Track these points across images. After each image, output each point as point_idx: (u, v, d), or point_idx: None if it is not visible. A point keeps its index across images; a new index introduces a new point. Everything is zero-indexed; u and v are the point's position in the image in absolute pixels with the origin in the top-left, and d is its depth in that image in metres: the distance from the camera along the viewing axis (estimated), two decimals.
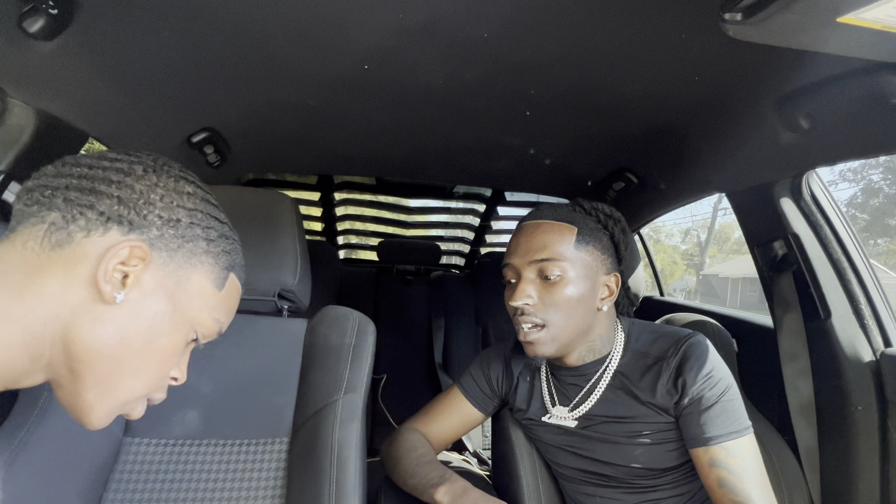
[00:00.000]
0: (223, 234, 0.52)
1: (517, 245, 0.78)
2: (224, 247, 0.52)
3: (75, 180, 0.44)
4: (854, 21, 0.47)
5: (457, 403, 0.92)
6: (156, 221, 0.45)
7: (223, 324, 0.54)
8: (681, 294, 20.05)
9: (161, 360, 0.48)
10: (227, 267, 0.53)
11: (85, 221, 0.43)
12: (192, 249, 0.48)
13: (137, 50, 0.75)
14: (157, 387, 0.50)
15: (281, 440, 0.80)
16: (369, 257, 2.59)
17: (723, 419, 0.70)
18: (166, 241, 0.46)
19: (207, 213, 0.50)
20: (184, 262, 0.48)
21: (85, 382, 0.44)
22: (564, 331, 0.75)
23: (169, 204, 0.46)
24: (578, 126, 1.05)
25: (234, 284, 0.55)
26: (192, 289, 0.49)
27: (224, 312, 0.54)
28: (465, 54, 0.75)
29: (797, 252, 0.99)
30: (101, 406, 0.46)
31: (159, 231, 0.45)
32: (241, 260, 0.56)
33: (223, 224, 0.52)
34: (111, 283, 0.42)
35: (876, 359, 0.92)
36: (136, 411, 0.50)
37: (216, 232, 0.51)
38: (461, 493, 0.72)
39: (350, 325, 0.84)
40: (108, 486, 0.73)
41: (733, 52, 0.66)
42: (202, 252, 0.49)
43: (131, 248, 0.43)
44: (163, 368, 0.49)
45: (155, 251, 0.45)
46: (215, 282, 0.51)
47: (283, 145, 1.29)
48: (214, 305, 0.52)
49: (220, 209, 0.53)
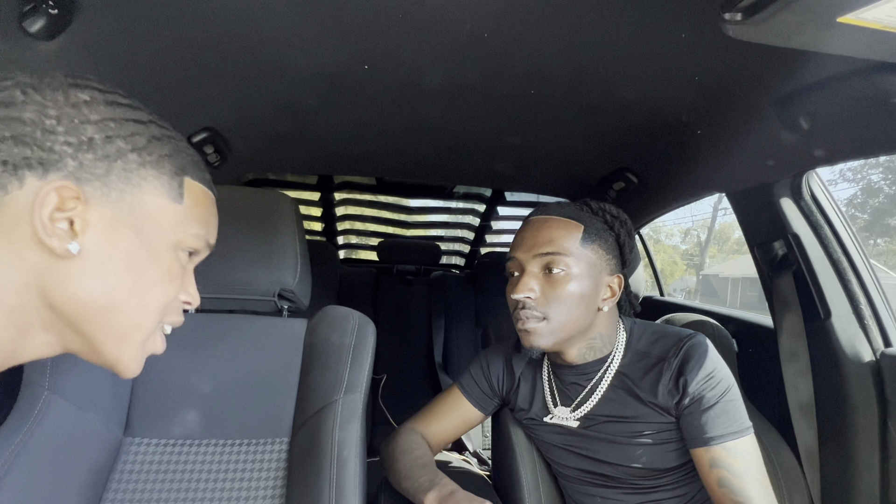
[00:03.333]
0: (153, 137, 0.45)
1: (523, 239, 0.78)
2: (161, 151, 0.45)
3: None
4: (854, 21, 0.47)
5: (457, 403, 0.92)
6: (66, 150, 0.39)
7: (207, 236, 0.50)
8: (681, 294, 20.05)
9: (160, 290, 0.46)
10: (177, 172, 0.46)
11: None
12: (125, 167, 0.42)
13: (137, 50, 0.75)
14: (168, 312, 0.49)
15: (281, 440, 0.80)
16: (369, 257, 2.59)
17: (723, 419, 0.70)
18: (90, 169, 0.40)
19: (121, 118, 0.43)
20: (123, 184, 0.42)
21: (96, 338, 0.43)
22: (565, 326, 0.75)
23: (71, 125, 0.40)
24: (578, 126, 1.05)
25: (197, 190, 0.49)
26: (150, 212, 0.44)
27: (200, 224, 0.49)
28: (465, 54, 0.75)
29: (797, 252, 0.99)
30: (124, 354, 0.45)
31: (76, 160, 0.39)
32: (193, 157, 0.49)
33: (146, 124, 0.45)
34: (57, 236, 0.38)
35: (876, 359, 0.92)
36: (157, 345, 0.49)
37: (143, 137, 0.44)
38: (448, 497, 0.72)
39: (350, 325, 0.84)
40: (108, 486, 0.73)
41: (733, 52, 0.66)
42: (137, 166, 0.43)
43: (57, 191, 0.38)
44: (165, 297, 0.47)
45: (84, 185, 0.40)
46: (170, 195, 0.45)
47: (284, 145, 1.29)
48: (184, 221, 0.47)
49: (138, 107, 0.46)
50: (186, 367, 0.82)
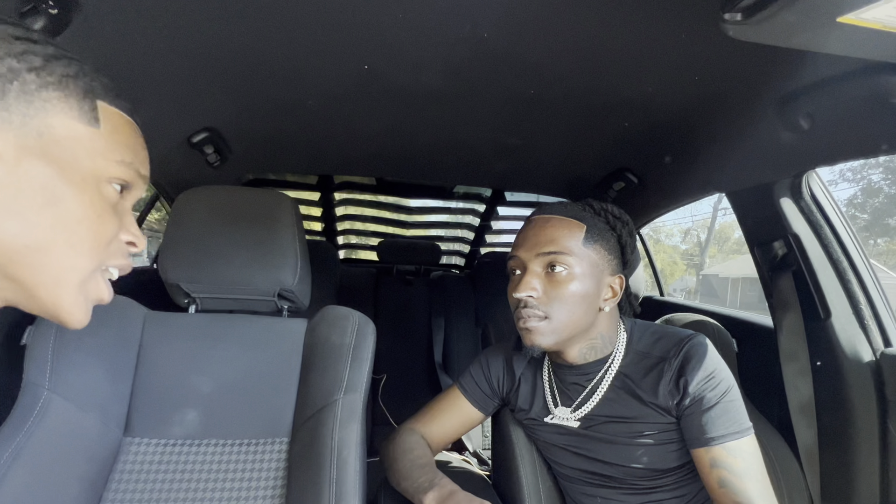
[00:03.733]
0: (52, 56, 0.41)
1: (525, 238, 0.78)
2: (63, 71, 0.41)
3: None
4: (854, 21, 0.47)
5: (457, 403, 0.92)
6: None
7: (136, 164, 0.46)
8: (681, 294, 20.05)
9: (89, 224, 0.43)
10: (87, 94, 0.43)
11: None
12: (22, 88, 0.38)
13: (137, 50, 0.75)
14: (108, 254, 0.45)
15: (281, 440, 0.80)
16: (369, 257, 2.59)
17: (724, 420, 0.70)
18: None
19: (11, 36, 0.39)
20: (25, 108, 0.38)
21: (28, 283, 0.41)
22: (566, 326, 0.75)
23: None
24: (578, 126, 1.05)
25: (114, 115, 0.45)
26: (61, 137, 0.40)
27: (124, 150, 0.45)
28: (465, 54, 0.75)
29: (797, 252, 0.99)
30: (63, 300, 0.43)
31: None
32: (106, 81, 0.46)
33: (43, 44, 0.41)
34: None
35: (876, 359, 0.92)
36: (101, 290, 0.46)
37: (39, 57, 0.40)
38: (447, 497, 0.72)
39: (350, 325, 0.84)
40: (108, 485, 0.73)
41: (733, 52, 0.66)
42: (36, 87, 0.39)
43: None
44: (98, 232, 0.44)
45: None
46: (82, 118, 0.42)
47: (284, 145, 1.29)
48: (105, 147, 0.44)
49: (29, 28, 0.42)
50: (186, 367, 0.82)
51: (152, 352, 0.82)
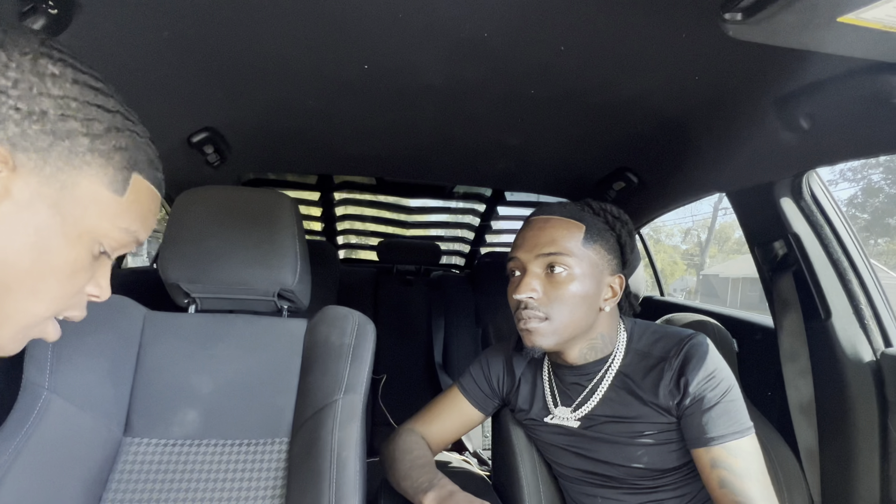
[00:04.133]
0: (113, 127, 0.42)
1: (524, 239, 0.78)
2: (117, 142, 0.42)
3: None
4: (854, 21, 0.47)
5: (456, 404, 0.92)
6: (12, 115, 0.36)
7: (137, 233, 0.46)
8: (681, 294, 20.05)
9: (61, 278, 0.42)
10: (127, 166, 0.43)
11: None
12: (71, 148, 0.39)
13: (137, 50, 0.75)
14: (68, 305, 0.44)
15: (281, 440, 0.80)
16: (369, 257, 2.59)
17: (724, 419, 0.70)
18: (32, 140, 0.37)
19: (85, 100, 0.40)
20: (63, 163, 0.39)
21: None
22: (567, 327, 0.75)
23: (27, 91, 0.37)
24: (578, 126, 1.05)
25: (142, 187, 0.46)
26: (81, 195, 0.41)
27: (134, 220, 0.45)
28: (465, 54, 0.75)
29: (797, 252, 0.99)
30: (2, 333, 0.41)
31: (19, 127, 0.37)
32: (151, 156, 0.47)
33: (112, 113, 0.42)
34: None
35: (876, 359, 0.92)
36: (46, 333, 0.44)
37: (102, 124, 0.41)
38: (447, 497, 0.72)
39: (350, 325, 0.84)
40: (108, 485, 0.73)
41: (733, 52, 0.66)
42: (85, 150, 0.40)
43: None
44: (66, 287, 0.43)
45: (20, 153, 0.37)
46: (111, 185, 0.42)
47: (284, 145, 1.29)
48: (117, 213, 0.43)
49: (109, 93, 0.43)
50: (186, 367, 0.82)
51: (152, 352, 0.82)
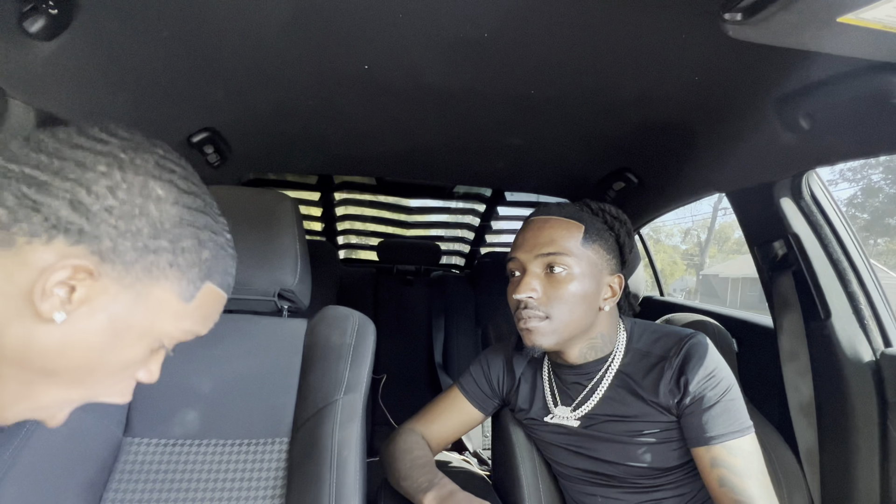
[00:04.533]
0: (199, 243, 0.44)
1: (524, 239, 0.78)
2: (198, 256, 0.44)
3: (29, 170, 0.37)
4: (854, 21, 0.47)
5: (457, 403, 0.92)
6: (110, 232, 0.38)
7: (198, 331, 0.48)
8: (681, 294, 20.05)
9: (111, 372, 0.42)
10: (201, 278, 0.45)
11: (28, 225, 0.36)
12: (155, 262, 0.41)
13: (137, 50, 0.75)
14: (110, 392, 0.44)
15: (281, 440, 0.80)
16: (369, 257, 2.59)
17: (724, 418, 0.70)
18: (121, 254, 0.39)
19: (179, 220, 0.42)
20: (143, 275, 0.40)
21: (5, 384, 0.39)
22: (567, 326, 0.75)
23: (129, 212, 0.39)
24: (578, 126, 1.05)
25: (210, 293, 0.46)
26: (152, 303, 0.41)
27: (196, 322, 0.46)
28: (465, 54, 0.75)
29: (797, 252, 0.99)
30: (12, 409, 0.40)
31: (112, 242, 0.38)
32: (227, 265, 0.48)
33: (200, 230, 0.44)
34: (49, 303, 0.37)
35: (876, 359, 0.92)
36: (55, 418, 0.43)
37: (189, 241, 0.43)
38: (447, 497, 0.72)
39: (350, 325, 0.84)
40: (108, 486, 0.73)
41: (733, 52, 0.66)
42: (166, 265, 0.41)
43: (74, 268, 0.37)
44: (114, 379, 0.43)
45: (107, 264, 0.38)
46: (182, 294, 0.43)
47: (284, 145, 1.29)
48: (181, 317, 0.44)
49: (203, 210, 0.45)
50: (186, 367, 0.82)
51: None
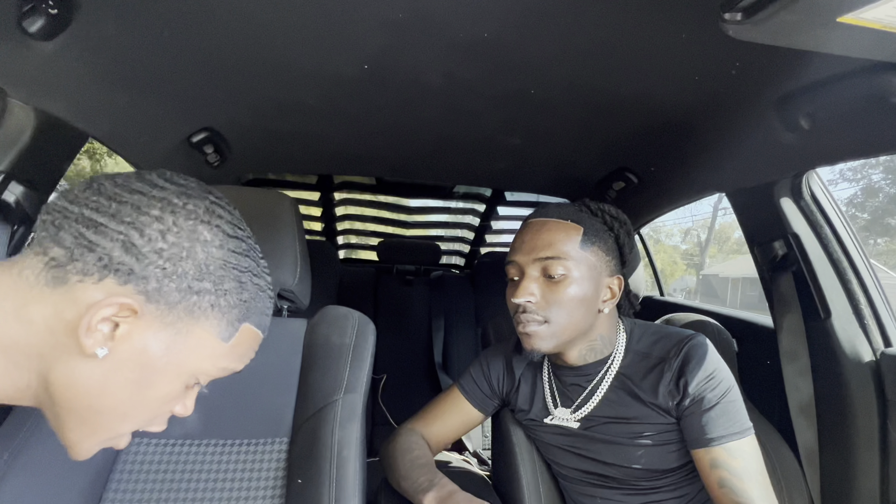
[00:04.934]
0: (241, 285, 0.45)
1: (522, 242, 0.78)
2: (238, 297, 0.45)
3: (87, 212, 0.40)
4: (854, 21, 0.47)
5: (456, 404, 0.92)
6: (157, 273, 0.40)
7: (234, 369, 0.49)
8: (681, 294, 20.04)
9: (152, 407, 0.45)
10: (240, 318, 0.46)
11: (83, 265, 0.39)
12: (197, 303, 0.43)
13: (137, 50, 0.75)
14: (151, 423, 0.47)
15: (281, 440, 0.80)
16: (369, 257, 2.59)
17: (724, 420, 0.70)
18: (166, 295, 0.41)
19: (223, 262, 0.44)
20: (185, 314, 0.42)
21: (66, 424, 0.42)
22: (566, 329, 0.75)
23: (177, 254, 0.41)
24: (578, 126, 1.05)
25: (248, 333, 0.48)
26: (191, 342, 0.43)
27: (233, 360, 0.48)
28: (465, 54, 0.74)
29: (797, 252, 0.99)
30: (83, 444, 0.44)
31: (158, 283, 0.41)
32: (265, 305, 0.49)
33: (243, 273, 0.46)
34: (93, 338, 0.39)
35: (876, 359, 0.92)
36: (121, 444, 0.47)
37: (231, 283, 0.45)
38: (447, 497, 0.72)
39: (350, 324, 0.84)
40: (108, 485, 0.73)
41: (733, 52, 0.66)
42: (209, 306, 0.43)
43: (120, 306, 0.39)
44: (155, 412, 0.46)
45: (151, 304, 0.41)
46: (221, 334, 0.45)
47: (284, 145, 1.29)
48: (219, 356, 0.46)
49: (247, 253, 0.46)
50: None
51: None
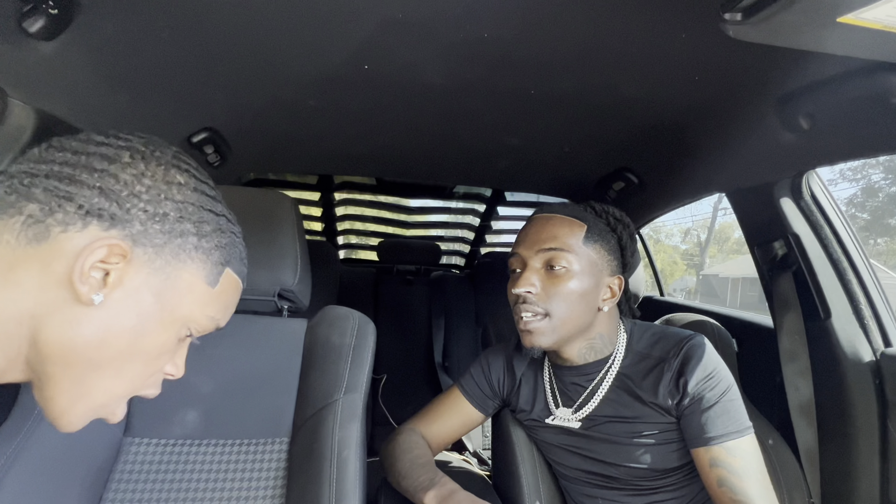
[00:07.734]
0: (218, 228, 0.48)
1: (526, 235, 0.79)
2: (218, 241, 0.48)
3: (57, 167, 0.41)
4: (854, 21, 0.47)
5: (457, 404, 0.92)
6: (139, 216, 0.42)
7: (220, 320, 0.51)
8: (681, 294, 20.04)
9: (147, 360, 0.46)
10: (222, 262, 0.49)
11: (63, 215, 0.39)
12: (181, 245, 0.45)
13: (137, 50, 0.75)
14: (145, 385, 0.48)
15: (281, 440, 0.80)
16: (369, 257, 2.59)
17: (723, 419, 0.70)
18: (151, 237, 0.43)
19: (200, 205, 0.46)
20: (171, 258, 0.44)
21: (59, 385, 0.42)
22: (565, 324, 0.75)
23: (156, 196, 0.43)
24: (578, 126, 1.05)
25: (230, 280, 0.51)
26: (181, 286, 0.45)
27: (219, 309, 0.50)
28: (465, 54, 0.75)
29: (797, 252, 0.99)
30: (74, 410, 0.43)
31: (143, 226, 0.42)
32: (241, 253, 0.53)
33: (219, 216, 0.49)
34: (88, 284, 0.39)
35: (876, 359, 0.92)
36: (115, 414, 0.47)
37: (210, 226, 0.47)
38: (447, 496, 0.72)
39: (350, 325, 0.84)
40: (108, 486, 0.73)
41: (733, 52, 0.66)
42: (192, 248, 0.46)
43: (109, 247, 0.40)
44: (149, 368, 0.46)
45: (138, 247, 0.42)
46: (207, 278, 0.48)
47: (284, 145, 1.29)
48: (207, 302, 0.48)
49: (218, 199, 0.50)
50: (186, 366, 0.82)
51: None
